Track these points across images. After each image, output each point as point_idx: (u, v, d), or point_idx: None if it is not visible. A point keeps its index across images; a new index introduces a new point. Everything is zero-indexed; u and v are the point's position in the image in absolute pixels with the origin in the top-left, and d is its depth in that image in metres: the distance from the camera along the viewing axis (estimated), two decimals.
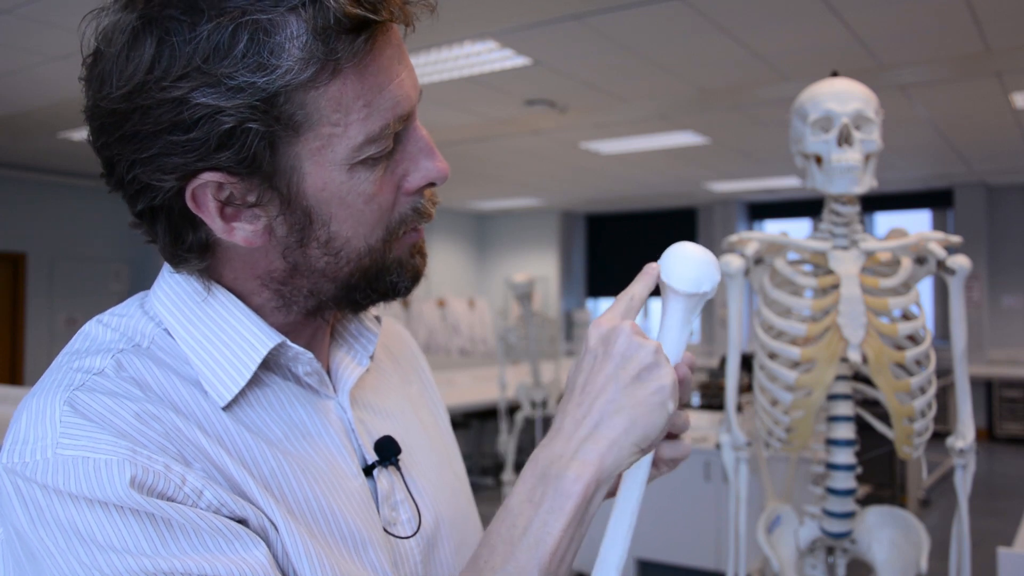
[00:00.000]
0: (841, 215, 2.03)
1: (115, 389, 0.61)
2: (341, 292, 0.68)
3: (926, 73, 5.00)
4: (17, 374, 8.21)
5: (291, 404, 0.70)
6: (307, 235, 0.64)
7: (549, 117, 6.09)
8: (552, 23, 4.07)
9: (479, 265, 12.63)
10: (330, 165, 0.62)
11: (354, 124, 0.61)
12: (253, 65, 0.57)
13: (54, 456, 0.57)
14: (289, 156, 0.61)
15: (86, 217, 8.73)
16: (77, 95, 2.63)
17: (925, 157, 7.76)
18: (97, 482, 0.56)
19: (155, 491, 0.57)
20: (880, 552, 2.08)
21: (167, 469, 0.58)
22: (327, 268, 0.66)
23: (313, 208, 0.63)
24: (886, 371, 1.96)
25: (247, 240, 0.64)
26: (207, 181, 0.61)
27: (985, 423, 8.81)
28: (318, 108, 0.60)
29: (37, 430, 0.59)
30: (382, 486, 0.73)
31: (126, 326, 0.68)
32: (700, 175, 8.77)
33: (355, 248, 0.66)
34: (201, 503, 0.59)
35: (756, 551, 2.84)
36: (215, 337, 0.67)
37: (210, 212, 0.62)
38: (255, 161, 0.60)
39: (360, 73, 0.60)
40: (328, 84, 0.59)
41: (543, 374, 5.28)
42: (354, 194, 0.63)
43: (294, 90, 0.58)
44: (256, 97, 0.57)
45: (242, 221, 0.63)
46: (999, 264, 9.32)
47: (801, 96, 2.07)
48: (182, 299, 0.68)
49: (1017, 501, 6.01)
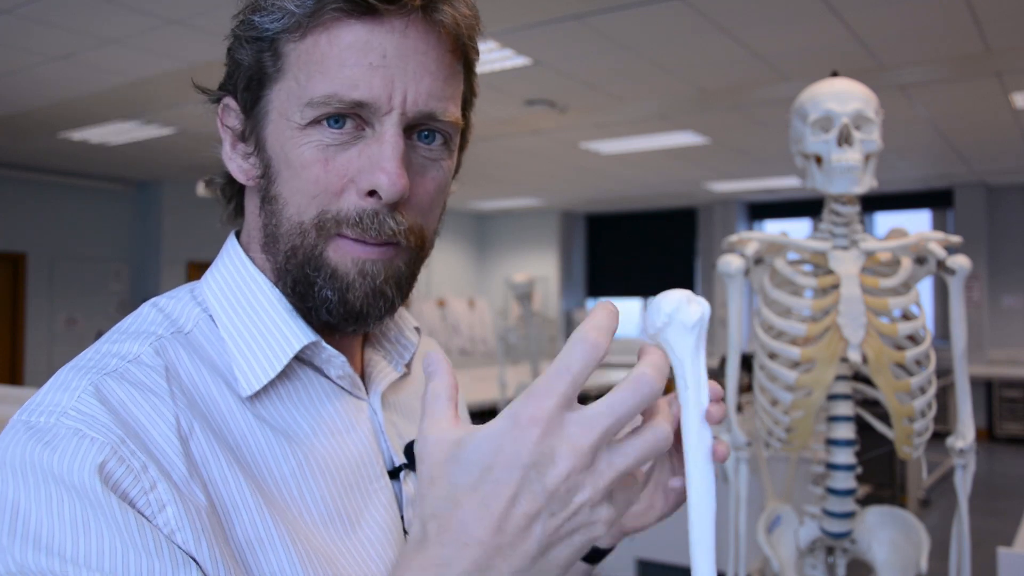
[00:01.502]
0: (841, 215, 2.03)
1: (145, 381, 0.62)
2: (286, 278, 0.69)
3: (926, 73, 5.00)
4: (17, 374, 8.21)
5: (321, 400, 0.70)
6: (266, 188, 0.69)
7: (549, 117, 6.09)
8: (552, 23, 4.07)
9: (479, 265, 12.63)
10: (285, 119, 0.66)
11: (309, 84, 0.65)
12: (254, 6, 0.67)
13: (56, 423, 0.58)
14: (266, 101, 0.67)
15: (86, 217, 8.74)
16: (77, 95, 2.63)
17: (925, 157, 7.76)
18: (72, 456, 0.56)
19: (119, 487, 0.56)
20: (880, 552, 2.08)
21: (143, 469, 0.58)
22: (276, 233, 0.68)
23: (271, 159, 0.68)
24: (886, 371, 1.96)
25: (235, 172, 0.71)
26: (226, 104, 0.71)
27: (985, 423, 8.81)
28: (290, 61, 0.66)
29: (55, 397, 0.60)
30: (408, 489, 0.73)
31: (174, 309, 0.70)
32: (700, 175, 8.77)
33: (289, 217, 0.67)
34: (159, 518, 0.57)
35: (756, 551, 2.84)
36: (253, 326, 0.69)
37: (225, 134, 0.71)
38: (245, 95, 0.68)
39: (331, 39, 0.64)
40: (301, 40, 0.65)
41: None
42: (295, 154, 0.66)
43: (279, 39, 0.66)
44: (253, 34, 0.66)
45: (237, 153, 0.71)
46: (999, 264, 9.32)
47: (801, 96, 2.07)
48: (229, 287, 0.71)
49: (1017, 501, 6.01)
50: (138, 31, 4.22)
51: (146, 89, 5.20)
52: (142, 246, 9.05)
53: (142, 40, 4.34)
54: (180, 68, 4.73)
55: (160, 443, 0.60)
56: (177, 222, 8.96)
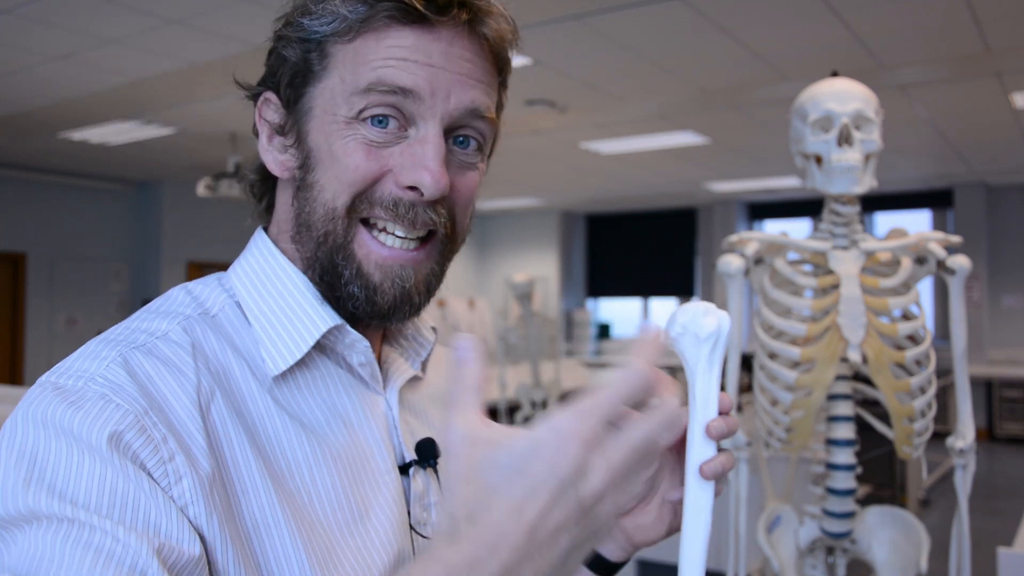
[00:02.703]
0: (841, 215, 2.03)
1: (171, 356, 0.65)
2: (315, 266, 0.71)
3: (926, 73, 5.00)
4: (17, 374, 8.21)
5: (337, 391, 0.72)
6: (304, 178, 0.71)
7: (549, 117, 6.09)
8: (552, 23, 4.07)
9: (479, 265, 12.63)
10: (331, 114, 0.69)
11: (355, 77, 0.68)
12: (303, 8, 0.70)
13: (83, 387, 0.60)
14: (310, 97, 0.70)
15: (86, 217, 8.73)
16: (77, 95, 2.64)
17: (925, 157, 7.76)
18: (93, 419, 0.58)
19: (137, 457, 0.58)
20: (880, 552, 2.08)
21: (163, 440, 0.60)
22: (309, 220, 0.70)
23: (312, 151, 0.70)
24: (886, 371, 1.95)
25: (271, 165, 0.73)
26: (267, 98, 0.73)
27: (985, 423, 8.81)
28: (337, 61, 0.68)
29: (84, 364, 0.63)
30: (416, 485, 0.74)
31: (201, 293, 0.72)
32: (700, 175, 8.77)
33: (325, 202, 0.69)
34: (175, 489, 0.59)
35: (756, 551, 2.84)
36: (280, 310, 0.71)
37: (263, 127, 0.74)
38: (288, 91, 0.71)
39: (380, 40, 0.67)
40: (351, 42, 0.68)
41: (543, 374, 5.28)
42: (339, 146, 0.68)
43: (327, 40, 0.69)
44: (303, 35, 0.69)
45: (274, 146, 0.73)
46: (999, 264, 9.32)
47: (801, 96, 2.07)
48: (257, 275, 0.73)
49: (1017, 501, 6.01)
50: (138, 31, 4.22)
51: (146, 89, 5.20)
52: (142, 246, 9.05)
53: (142, 40, 4.34)
54: (180, 68, 4.73)
55: (182, 417, 0.62)
56: (177, 222, 8.96)
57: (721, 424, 0.64)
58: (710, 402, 0.64)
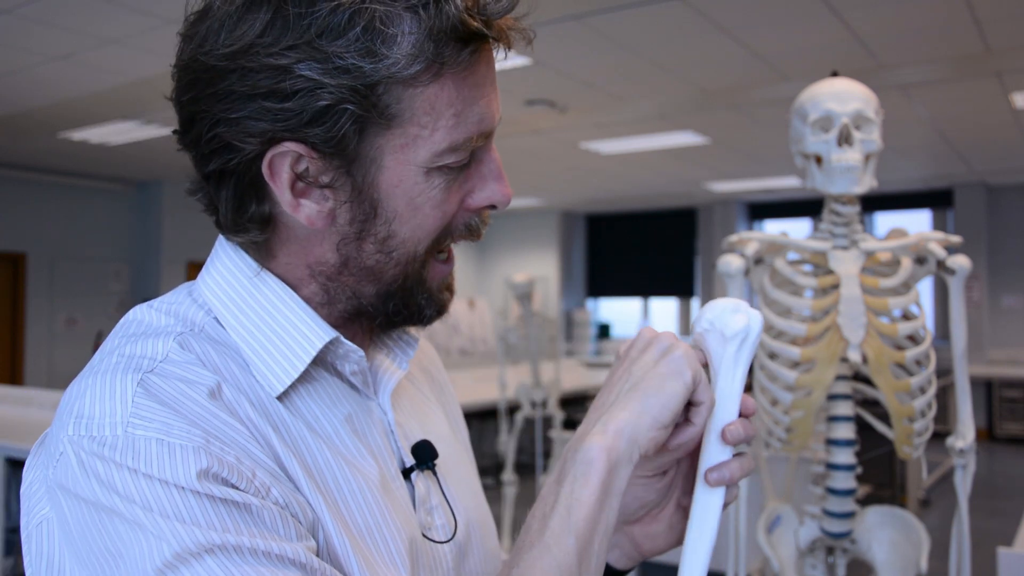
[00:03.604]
0: (841, 215, 2.03)
1: (186, 375, 0.61)
2: (379, 300, 0.69)
3: (926, 73, 5.00)
4: (17, 374, 8.21)
5: (339, 400, 0.70)
6: (367, 229, 0.65)
7: (549, 117, 6.09)
8: (552, 23, 4.07)
9: (479, 265, 12.63)
10: (410, 164, 0.63)
11: (441, 130, 0.63)
12: (363, 50, 0.59)
13: (124, 434, 0.56)
14: (374, 147, 0.63)
15: (86, 217, 8.74)
16: (77, 95, 2.62)
17: (925, 157, 7.76)
18: (171, 465, 0.55)
19: (228, 482, 0.57)
20: (880, 552, 2.08)
21: (238, 461, 0.58)
22: (376, 267, 0.67)
23: (381, 202, 0.64)
24: (886, 371, 1.95)
25: (310, 219, 0.64)
26: (289, 151, 0.62)
27: (985, 423, 8.80)
28: (412, 106, 0.62)
29: (105, 407, 0.58)
30: (419, 490, 0.73)
31: (178, 310, 0.67)
32: (700, 175, 8.77)
33: (407, 252, 0.67)
34: (269, 498, 0.59)
35: (756, 551, 2.84)
36: (266, 327, 0.67)
37: (282, 183, 0.63)
38: (342, 142, 0.61)
39: (458, 82, 0.63)
40: (428, 85, 0.61)
41: (543, 374, 5.27)
42: (424, 197, 0.65)
43: (395, 83, 0.60)
44: (359, 81, 0.59)
45: (310, 199, 0.64)
46: (999, 264, 9.32)
47: (801, 96, 2.07)
48: (232, 286, 0.68)
49: (1017, 501, 6.01)
50: (138, 31, 4.22)
51: (146, 89, 5.20)
52: (142, 246, 9.05)
53: (142, 40, 4.34)
54: None
55: (230, 433, 0.60)
56: (177, 222, 8.96)
57: (739, 429, 0.64)
58: (731, 403, 0.62)
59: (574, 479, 0.60)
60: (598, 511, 0.60)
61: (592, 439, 0.61)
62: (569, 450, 0.62)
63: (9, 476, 3.59)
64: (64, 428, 0.58)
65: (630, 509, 0.73)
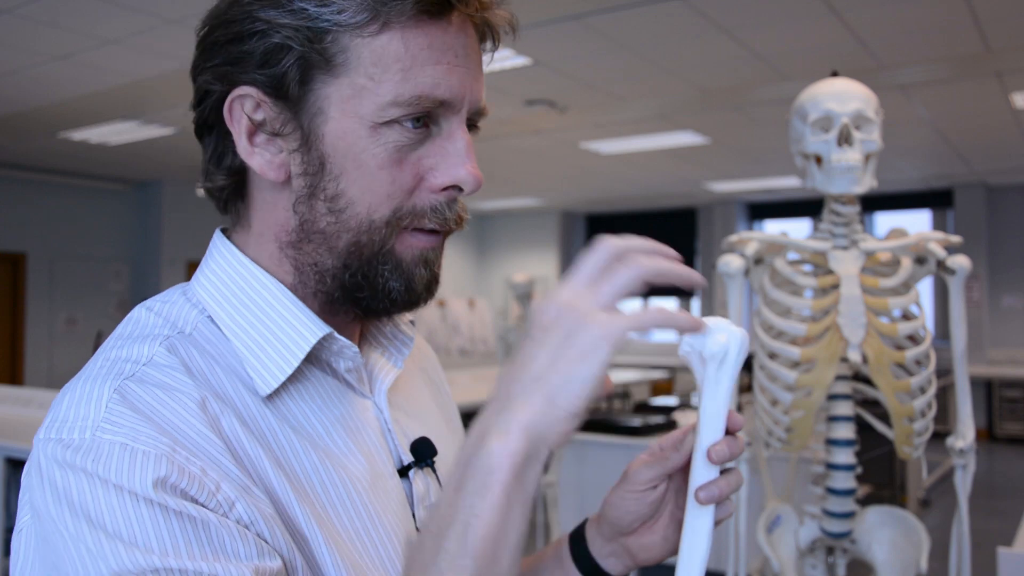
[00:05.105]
0: (841, 215, 2.03)
1: (167, 380, 0.61)
2: (341, 273, 0.67)
3: (926, 73, 5.00)
4: (17, 374, 8.21)
5: (331, 399, 0.69)
6: (317, 184, 0.65)
7: (549, 117, 6.09)
8: (552, 23, 4.07)
9: (479, 265, 12.63)
10: (354, 117, 0.64)
11: (387, 83, 0.63)
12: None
13: (92, 438, 0.56)
14: (320, 96, 0.64)
15: (86, 217, 8.73)
16: (77, 95, 2.63)
17: (925, 157, 7.76)
18: (129, 470, 0.55)
19: (187, 494, 0.56)
20: (880, 552, 2.08)
21: (203, 473, 0.57)
22: (328, 230, 0.66)
23: (328, 156, 0.65)
24: (886, 371, 1.95)
25: (262, 168, 0.66)
26: (245, 94, 0.65)
27: (985, 423, 8.80)
28: (359, 56, 0.63)
29: (79, 411, 0.58)
30: (418, 488, 0.73)
31: (169, 312, 0.67)
32: (700, 175, 8.77)
33: (357, 215, 0.65)
34: (232, 515, 0.57)
35: (756, 551, 2.84)
36: (260, 324, 0.67)
37: (240, 128, 0.65)
38: (283, 83, 0.63)
39: (408, 39, 0.63)
40: (375, 36, 0.63)
41: None
42: (369, 154, 0.64)
43: (343, 32, 0.63)
44: (307, 23, 0.62)
45: (264, 148, 0.66)
46: (999, 264, 9.32)
47: (801, 96, 2.07)
48: (226, 284, 0.68)
49: (1017, 501, 6.01)
50: (138, 31, 4.22)
51: (146, 89, 5.20)
52: (142, 246, 9.05)
53: (142, 40, 4.34)
54: (180, 68, 4.72)
55: (202, 443, 0.59)
56: (177, 222, 8.96)
57: (724, 448, 0.63)
58: (716, 423, 0.62)
59: (473, 490, 0.54)
60: (502, 524, 0.54)
61: (493, 442, 0.55)
62: (468, 450, 0.56)
63: (9, 476, 3.59)
64: (39, 430, 0.60)
65: (623, 522, 0.73)
